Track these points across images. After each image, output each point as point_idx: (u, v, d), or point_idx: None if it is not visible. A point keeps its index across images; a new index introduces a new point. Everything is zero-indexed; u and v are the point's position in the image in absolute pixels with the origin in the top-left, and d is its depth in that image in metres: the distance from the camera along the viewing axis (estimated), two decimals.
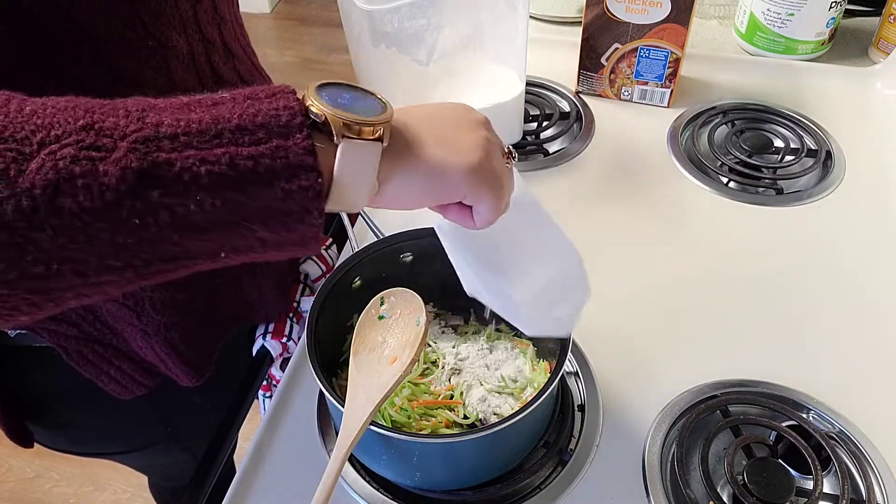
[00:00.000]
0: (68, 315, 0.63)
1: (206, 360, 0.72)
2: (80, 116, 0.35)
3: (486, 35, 0.87)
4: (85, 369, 0.66)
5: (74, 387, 0.70)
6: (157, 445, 0.83)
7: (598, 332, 0.76)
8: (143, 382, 0.70)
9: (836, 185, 0.94)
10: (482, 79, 0.91)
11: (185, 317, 0.67)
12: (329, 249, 0.89)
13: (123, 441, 0.83)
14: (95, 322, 0.64)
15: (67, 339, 0.64)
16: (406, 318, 0.62)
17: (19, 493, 1.70)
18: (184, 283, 0.50)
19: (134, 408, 0.73)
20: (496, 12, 0.85)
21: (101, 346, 0.66)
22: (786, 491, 0.61)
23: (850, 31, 1.19)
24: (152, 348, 0.67)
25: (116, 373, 0.68)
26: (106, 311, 0.63)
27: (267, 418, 0.71)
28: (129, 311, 0.63)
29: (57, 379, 0.70)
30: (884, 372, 0.73)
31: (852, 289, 0.81)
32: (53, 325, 0.63)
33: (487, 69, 0.91)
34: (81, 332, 0.64)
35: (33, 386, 0.72)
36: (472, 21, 0.84)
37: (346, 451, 0.53)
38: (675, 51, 0.99)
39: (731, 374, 0.72)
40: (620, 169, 0.97)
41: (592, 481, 0.65)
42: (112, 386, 0.69)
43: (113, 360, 0.67)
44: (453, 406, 0.65)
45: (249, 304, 0.75)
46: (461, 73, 0.89)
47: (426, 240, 0.71)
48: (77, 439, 0.80)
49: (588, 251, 0.59)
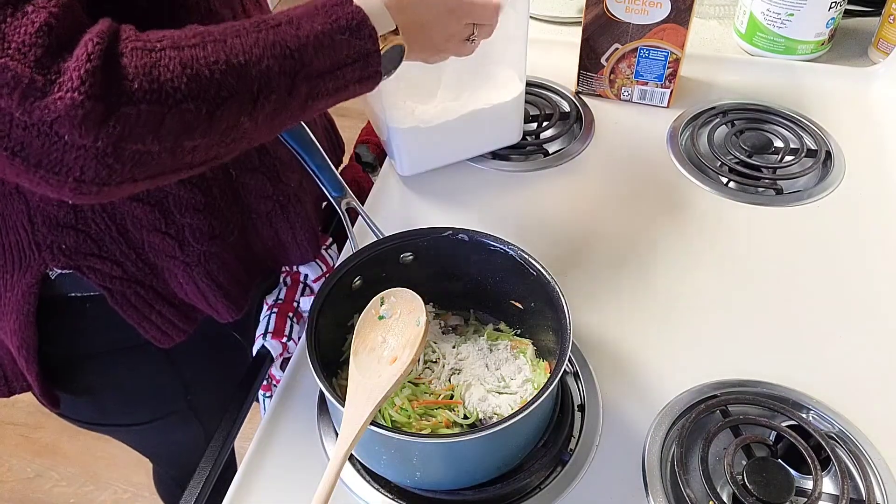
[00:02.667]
0: (113, 253, 0.67)
1: (243, 296, 0.76)
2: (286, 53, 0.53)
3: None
4: (128, 314, 0.70)
5: (109, 346, 0.75)
6: (177, 415, 0.87)
7: (598, 332, 0.76)
8: (181, 328, 0.74)
9: (835, 185, 0.94)
10: (482, 79, 0.91)
11: (222, 248, 0.71)
12: (329, 249, 0.89)
13: (146, 409, 0.86)
14: (138, 261, 0.68)
15: (112, 280, 0.68)
16: (406, 318, 0.62)
17: (19, 493, 1.70)
18: (222, 213, 0.70)
19: (159, 371, 0.80)
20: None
21: (143, 288, 0.70)
22: (785, 491, 0.61)
23: (850, 31, 1.20)
24: (193, 282, 0.71)
25: (157, 318, 0.72)
26: (149, 246, 0.68)
27: (267, 418, 0.71)
28: (171, 240, 0.68)
29: (92, 339, 0.75)
30: (884, 372, 0.73)
31: (852, 289, 0.81)
32: (99, 264, 0.67)
33: (487, 70, 0.91)
34: (125, 272, 0.68)
35: (67, 347, 0.75)
36: None
37: (346, 451, 0.53)
38: (675, 51, 0.99)
39: (730, 374, 0.72)
40: (620, 169, 0.97)
41: (592, 481, 0.65)
42: (153, 333, 0.72)
43: (154, 304, 0.71)
44: (453, 406, 0.66)
45: (282, 244, 0.79)
46: (461, 74, 0.89)
47: (426, 240, 0.71)
48: (101, 407, 0.83)
49: (588, 251, 0.60)
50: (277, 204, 0.76)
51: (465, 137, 0.94)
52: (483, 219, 0.89)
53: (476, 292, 0.75)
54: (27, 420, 1.84)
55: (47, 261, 0.66)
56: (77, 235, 0.65)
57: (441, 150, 0.95)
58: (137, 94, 0.47)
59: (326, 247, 0.89)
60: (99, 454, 1.75)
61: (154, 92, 0.47)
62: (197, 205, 0.68)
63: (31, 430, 1.82)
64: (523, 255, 0.68)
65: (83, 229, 0.65)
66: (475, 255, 0.71)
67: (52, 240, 0.65)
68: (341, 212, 0.75)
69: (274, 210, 0.76)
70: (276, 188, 0.75)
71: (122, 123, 0.46)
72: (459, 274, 0.74)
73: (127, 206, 0.65)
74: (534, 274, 0.67)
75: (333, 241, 0.91)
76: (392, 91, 0.85)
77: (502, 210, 0.91)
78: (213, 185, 0.69)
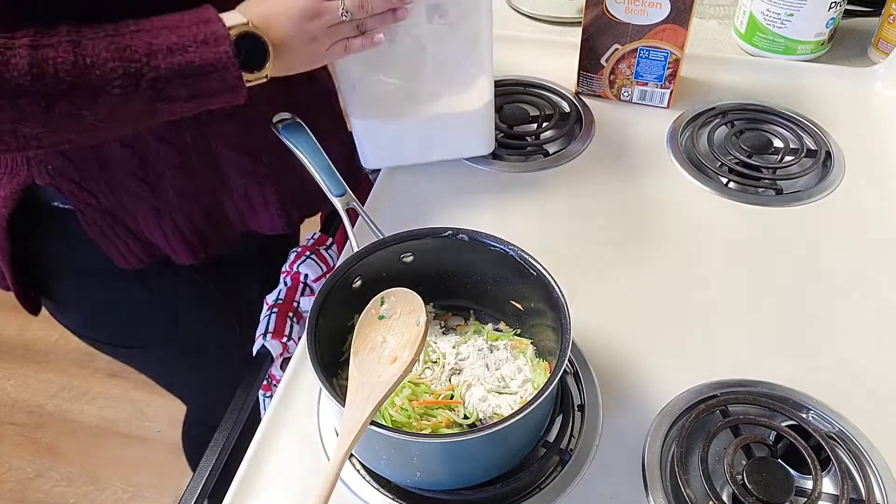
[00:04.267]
0: (91, 185, 0.75)
1: (203, 246, 0.83)
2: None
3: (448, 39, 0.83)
4: (94, 234, 0.78)
5: (84, 265, 0.82)
6: (171, 347, 0.94)
7: (598, 332, 0.76)
8: (141, 258, 0.81)
9: (835, 186, 0.94)
10: (447, 85, 0.88)
11: (193, 204, 0.79)
12: (329, 249, 0.89)
13: (136, 334, 0.93)
14: (112, 197, 0.76)
15: (86, 207, 0.76)
16: (406, 318, 0.62)
17: (19, 493, 1.70)
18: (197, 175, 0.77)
19: (140, 300, 0.87)
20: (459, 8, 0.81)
21: (112, 218, 0.77)
22: (785, 491, 0.61)
23: (850, 31, 1.20)
24: (160, 226, 0.79)
25: (121, 245, 0.79)
26: (124, 186, 0.75)
27: (267, 418, 0.71)
28: (146, 186, 0.76)
29: (70, 254, 0.82)
30: (884, 372, 0.73)
31: (852, 289, 0.82)
32: (77, 191, 0.75)
33: (453, 77, 0.88)
34: (99, 202, 0.76)
35: (48, 258, 0.82)
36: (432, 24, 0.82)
37: (346, 451, 0.53)
38: (675, 51, 0.99)
39: (730, 374, 0.72)
40: (620, 170, 0.97)
41: (592, 481, 0.65)
42: (114, 253, 0.80)
43: (120, 234, 0.78)
44: (453, 406, 0.66)
45: (255, 213, 0.85)
46: (427, 77, 0.86)
47: (426, 240, 0.71)
48: (89, 321, 0.92)
49: (588, 251, 0.60)
50: (255, 180, 0.82)
51: (428, 140, 0.93)
52: (483, 219, 0.89)
53: (476, 292, 0.75)
54: (27, 420, 1.84)
55: (34, 175, 0.73)
56: (63, 160, 0.73)
57: (402, 149, 0.94)
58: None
59: (326, 247, 0.89)
60: (99, 454, 1.75)
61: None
62: (174, 162, 0.75)
63: (31, 430, 1.82)
64: (523, 255, 0.68)
65: (69, 157, 0.72)
66: (475, 255, 0.71)
67: (41, 158, 0.72)
68: (341, 212, 0.75)
69: (250, 185, 0.82)
70: (255, 167, 0.80)
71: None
72: (459, 274, 0.74)
73: (112, 148, 0.72)
74: (534, 274, 0.67)
75: (333, 242, 0.91)
76: (357, 81, 0.85)
77: (502, 210, 0.91)
78: (191, 149, 0.75)
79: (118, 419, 1.81)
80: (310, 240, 0.91)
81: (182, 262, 0.83)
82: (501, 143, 1.00)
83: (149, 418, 1.80)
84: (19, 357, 1.97)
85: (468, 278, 0.74)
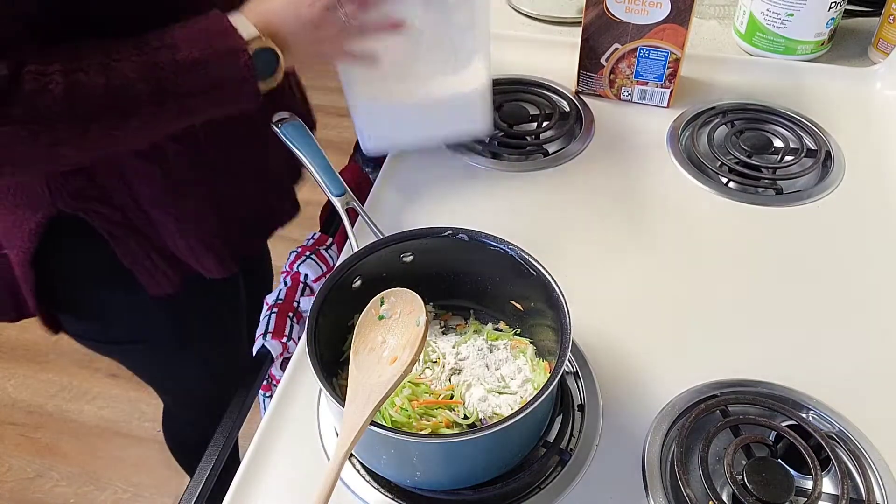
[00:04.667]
0: (115, 200, 0.75)
1: (231, 256, 0.85)
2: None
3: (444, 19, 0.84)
4: (125, 258, 0.79)
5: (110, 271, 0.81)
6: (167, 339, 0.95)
7: (598, 332, 0.76)
8: (171, 278, 0.82)
9: (835, 186, 0.94)
10: (445, 66, 0.89)
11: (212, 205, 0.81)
12: (329, 249, 0.89)
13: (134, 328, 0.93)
14: (137, 210, 0.77)
15: (114, 225, 0.77)
16: (406, 318, 0.62)
17: (19, 493, 1.70)
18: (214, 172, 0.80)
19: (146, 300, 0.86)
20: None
21: (140, 236, 0.78)
22: (785, 491, 0.61)
23: (850, 31, 1.20)
24: (184, 238, 0.80)
25: (150, 265, 0.80)
26: (146, 197, 0.76)
27: (267, 418, 0.71)
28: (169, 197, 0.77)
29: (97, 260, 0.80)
30: (884, 372, 0.73)
31: (852, 289, 0.82)
32: (103, 209, 0.75)
33: (453, 58, 0.88)
34: (125, 218, 0.76)
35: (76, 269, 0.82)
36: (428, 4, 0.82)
37: (346, 451, 0.53)
38: (675, 51, 0.99)
39: (730, 374, 0.72)
40: (620, 169, 0.97)
41: (592, 481, 0.65)
42: (145, 278, 0.81)
43: (149, 252, 0.80)
44: (453, 406, 0.66)
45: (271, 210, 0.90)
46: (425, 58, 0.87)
47: (426, 240, 0.71)
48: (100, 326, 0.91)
49: (587, 251, 0.60)
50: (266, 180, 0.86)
51: (427, 123, 0.93)
52: (483, 219, 0.89)
53: (476, 292, 0.75)
54: (27, 420, 1.84)
55: (57, 202, 0.73)
56: (84, 180, 0.73)
57: (402, 132, 0.93)
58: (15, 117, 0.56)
59: (327, 247, 0.89)
60: (99, 454, 1.75)
61: (31, 115, 0.57)
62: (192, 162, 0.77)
63: (31, 430, 1.82)
64: (523, 255, 0.68)
65: (90, 175, 0.73)
66: (475, 255, 0.71)
67: (62, 182, 0.72)
68: (341, 212, 0.75)
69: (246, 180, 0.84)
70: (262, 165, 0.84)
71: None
72: (459, 274, 0.74)
73: (130, 160, 0.73)
74: (534, 273, 0.67)
75: (333, 242, 0.91)
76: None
77: (502, 210, 0.91)
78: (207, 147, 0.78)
79: (118, 419, 1.81)
80: (310, 240, 0.91)
81: (213, 275, 0.84)
82: (501, 143, 1.00)
83: (149, 418, 1.80)
84: (19, 357, 1.97)
85: (468, 278, 0.74)
